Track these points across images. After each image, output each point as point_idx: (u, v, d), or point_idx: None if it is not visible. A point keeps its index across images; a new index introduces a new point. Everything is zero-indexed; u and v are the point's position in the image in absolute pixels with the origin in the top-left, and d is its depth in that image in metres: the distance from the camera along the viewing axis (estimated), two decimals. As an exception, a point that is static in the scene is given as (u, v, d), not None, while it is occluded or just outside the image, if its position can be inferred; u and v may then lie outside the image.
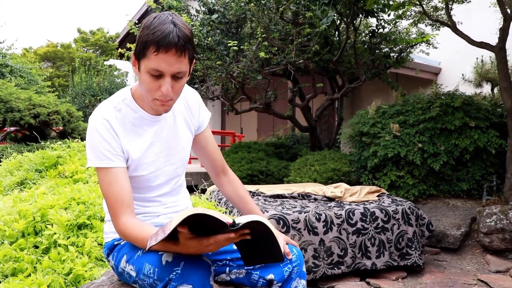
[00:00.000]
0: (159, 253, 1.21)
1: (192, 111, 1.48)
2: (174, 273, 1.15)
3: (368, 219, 3.07)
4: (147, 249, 1.12)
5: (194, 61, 1.30)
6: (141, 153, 1.34)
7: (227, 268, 1.41)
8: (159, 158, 1.39)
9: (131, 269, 1.29)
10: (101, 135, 1.27)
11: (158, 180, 1.41)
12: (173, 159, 1.43)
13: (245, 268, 1.40)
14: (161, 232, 1.09)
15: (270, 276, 1.39)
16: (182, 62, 1.18)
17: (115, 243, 1.41)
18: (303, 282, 1.44)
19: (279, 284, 1.40)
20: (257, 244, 1.23)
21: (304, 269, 1.46)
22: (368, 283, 3.00)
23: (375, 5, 5.15)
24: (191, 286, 1.13)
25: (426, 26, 5.94)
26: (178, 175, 1.49)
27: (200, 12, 6.11)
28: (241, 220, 1.10)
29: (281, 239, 1.28)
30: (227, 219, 1.08)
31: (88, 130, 1.30)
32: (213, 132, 10.22)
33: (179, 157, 1.45)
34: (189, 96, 1.48)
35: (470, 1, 5.03)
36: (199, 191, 3.85)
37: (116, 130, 1.30)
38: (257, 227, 1.15)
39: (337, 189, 3.64)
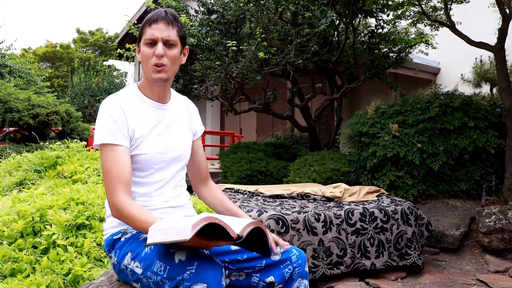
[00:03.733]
0: (171, 250, 1.23)
1: (192, 116, 1.63)
2: (188, 272, 1.15)
3: (367, 219, 3.07)
4: (151, 242, 1.13)
5: (187, 47, 1.51)
6: (145, 131, 1.44)
7: (227, 271, 1.41)
8: (162, 141, 1.47)
9: (137, 266, 1.29)
10: (111, 116, 1.39)
11: (160, 164, 1.47)
12: (175, 147, 1.51)
13: (245, 271, 1.40)
14: (174, 232, 1.10)
15: (270, 279, 1.39)
16: (171, 31, 1.41)
17: (114, 237, 1.42)
18: (305, 282, 1.44)
19: (280, 286, 1.40)
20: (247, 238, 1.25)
21: (307, 269, 1.46)
22: (367, 283, 3.00)
23: (374, 5, 5.15)
24: (205, 285, 1.14)
25: (425, 26, 5.95)
26: (180, 166, 1.54)
27: (199, 12, 6.11)
28: (243, 231, 1.16)
29: (270, 237, 1.33)
30: (232, 231, 1.14)
31: (100, 112, 1.42)
32: (212, 133, 10.23)
33: (181, 145, 1.53)
34: (190, 106, 1.65)
35: (469, 1, 5.04)
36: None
37: (125, 111, 1.42)
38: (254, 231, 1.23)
39: (336, 189, 3.64)
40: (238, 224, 1.19)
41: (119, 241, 1.41)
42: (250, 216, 2.80)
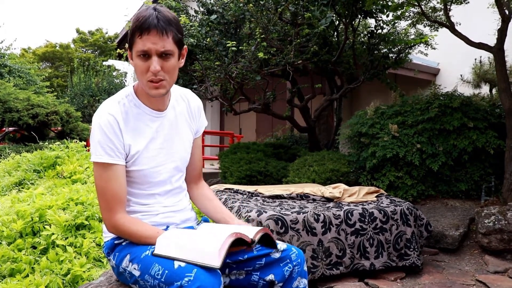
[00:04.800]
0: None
1: (194, 114, 1.54)
2: (186, 279, 1.13)
3: (366, 220, 3.07)
4: (163, 254, 1.20)
5: (185, 47, 1.39)
6: (142, 147, 1.38)
7: (227, 269, 1.41)
8: (160, 154, 1.42)
9: (135, 268, 1.29)
10: (104, 132, 1.32)
11: (159, 177, 1.43)
12: (174, 156, 1.46)
13: (245, 269, 1.40)
14: (196, 254, 1.16)
15: (270, 277, 1.38)
16: (166, 41, 1.27)
17: (115, 242, 1.41)
18: (305, 281, 1.43)
19: (280, 284, 1.39)
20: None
21: (305, 268, 1.45)
22: (366, 284, 3.00)
23: (374, 6, 5.15)
24: None
25: (425, 27, 5.95)
26: (180, 173, 1.51)
27: (199, 12, 6.11)
28: (255, 236, 1.26)
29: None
30: (247, 237, 1.21)
31: (93, 125, 1.35)
32: (212, 133, 10.23)
33: (180, 155, 1.49)
34: (192, 100, 1.55)
35: (468, 2, 5.04)
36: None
37: (120, 125, 1.34)
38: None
39: (335, 189, 3.64)
40: (247, 231, 1.25)
41: (120, 245, 1.40)
42: (250, 216, 2.80)
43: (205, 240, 1.18)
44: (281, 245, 1.43)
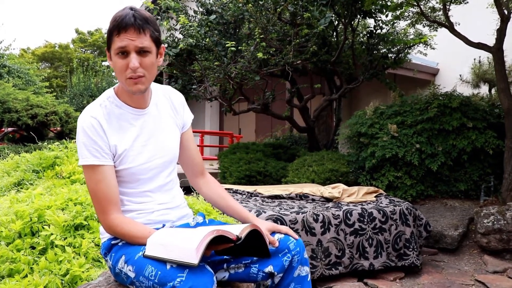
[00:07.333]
0: None
1: (177, 109, 1.55)
2: (178, 279, 1.14)
3: (365, 220, 3.07)
4: (151, 255, 1.20)
5: (163, 46, 1.40)
6: (127, 145, 1.39)
7: (225, 264, 1.40)
8: (146, 150, 1.42)
9: (130, 270, 1.29)
10: (88, 134, 1.33)
11: (149, 173, 1.43)
12: (162, 152, 1.46)
13: (243, 262, 1.39)
14: (178, 251, 1.15)
15: (269, 269, 1.36)
16: (143, 38, 1.29)
17: (112, 242, 1.41)
18: (306, 268, 1.41)
19: (281, 275, 1.38)
20: (246, 241, 1.27)
21: (306, 256, 1.43)
22: (365, 284, 3.00)
23: (373, 6, 5.15)
24: None
25: (424, 27, 5.96)
26: (170, 168, 1.51)
27: (198, 13, 6.11)
28: (242, 233, 1.20)
29: (267, 239, 1.33)
30: (231, 234, 1.17)
31: (77, 129, 1.36)
32: (211, 133, 10.23)
33: (167, 150, 1.48)
34: (174, 96, 1.56)
35: (467, 2, 5.04)
36: (196, 191, 3.84)
37: (104, 127, 1.35)
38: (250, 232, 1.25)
39: (335, 189, 3.64)
40: (235, 229, 1.22)
41: (116, 245, 1.40)
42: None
43: (187, 238, 1.17)
44: (278, 235, 1.42)
